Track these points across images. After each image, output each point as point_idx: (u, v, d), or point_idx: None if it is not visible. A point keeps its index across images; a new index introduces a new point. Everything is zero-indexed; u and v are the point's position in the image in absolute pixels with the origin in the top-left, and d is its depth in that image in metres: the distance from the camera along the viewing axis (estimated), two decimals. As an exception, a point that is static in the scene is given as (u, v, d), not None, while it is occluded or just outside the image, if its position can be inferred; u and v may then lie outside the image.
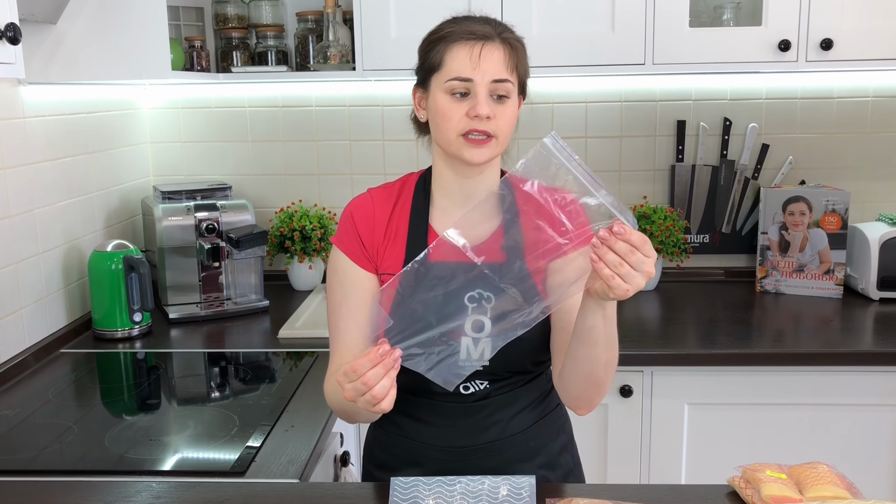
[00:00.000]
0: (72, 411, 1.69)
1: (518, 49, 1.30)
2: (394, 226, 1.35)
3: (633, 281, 1.09)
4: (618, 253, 1.08)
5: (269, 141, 2.65)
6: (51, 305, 2.06)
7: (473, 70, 1.24)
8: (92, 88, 2.28)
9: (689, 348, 2.01)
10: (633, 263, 1.08)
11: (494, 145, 1.27)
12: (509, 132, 1.29)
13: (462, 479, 1.23)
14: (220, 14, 2.51)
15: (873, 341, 2.07)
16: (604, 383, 1.28)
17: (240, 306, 2.35)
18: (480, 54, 1.25)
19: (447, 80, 1.26)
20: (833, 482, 1.15)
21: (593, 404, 1.32)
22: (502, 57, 1.26)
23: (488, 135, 1.25)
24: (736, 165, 2.58)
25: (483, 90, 1.25)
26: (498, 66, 1.25)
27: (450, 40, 1.27)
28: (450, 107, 1.26)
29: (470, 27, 1.27)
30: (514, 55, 1.28)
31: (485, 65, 1.24)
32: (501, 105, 1.26)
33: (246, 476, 1.37)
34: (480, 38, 1.26)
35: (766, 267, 2.46)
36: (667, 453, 2.05)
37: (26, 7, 1.72)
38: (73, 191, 2.17)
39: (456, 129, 1.26)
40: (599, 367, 1.24)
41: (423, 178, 1.39)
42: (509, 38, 1.29)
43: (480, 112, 1.24)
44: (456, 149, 1.27)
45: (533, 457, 1.37)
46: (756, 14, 2.20)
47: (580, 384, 1.28)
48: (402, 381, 1.37)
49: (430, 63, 1.29)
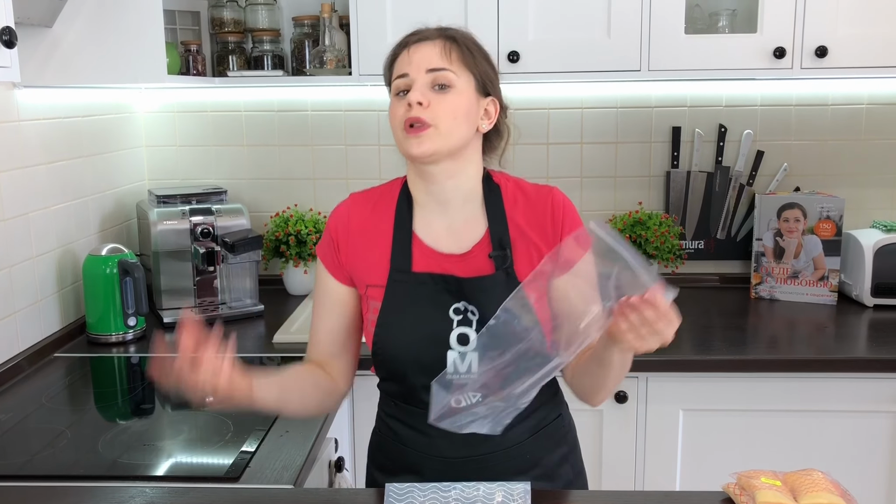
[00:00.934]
0: (65, 416, 1.69)
1: (461, 43, 1.29)
2: (376, 233, 1.34)
3: (649, 343, 1.11)
4: (645, 318, 1.09)
5: (265, 145, 2.65)
6: (45, 309, 2.05)
7: (408, 65, 1.26)
8: (87, 92, 2.28)
9: (684, 354, 2.01)
10: (654, 329, 1.10)
11: (434, 134, 1.24)
12: (453, 122, 1.25)
13: (457, 486, 1.23)
14: (217, 18, 2.51)
15: (867, 348, 2.07)
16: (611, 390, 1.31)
17: (235, 311, 2.34)
18: (414, 49, 1.27)
19: (392, 82, 1.29)
20: (828, 489, 1.15)
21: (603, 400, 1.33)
22: (438, 49, 1.27)
23: (424, 123, 1.23)
24: (731, 172, 2.59)
25: (420, 81, 1.25)
26: (431, 57, 1.26)
27: (397, 49, 1.31)
28: (394, 105, 1.28)
29: (414, 34, 1.31)
30: (457, 48, 1.28)
31: (417, 57, 1.26)
32: (441, 94, 1.25)
33: (240, 482, 1.37)
34: (418, 39, 1.28)
35: (761, 273, 2.47)
36: (662, 460, 2.05)
37: (22, 10, 1.72)
38: (67, 194, 2.16)
39: (398, 126, 1.26)
40: (613, 380, 1.26)
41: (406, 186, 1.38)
42: (452, 34, 1.30)
43: (411, 98, 1.24)
44: (402, 146, 1.27)
45: (530, 468, 1.35)
46: (751, 21, 2.21)
47: (590, 389, 1.31)
48: (395, 390, 1.37)
49: (388, 77, 1.32)
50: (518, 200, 1.34)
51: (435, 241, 1.32)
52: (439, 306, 1.28)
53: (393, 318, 1.30)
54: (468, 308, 1.28)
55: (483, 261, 1.30)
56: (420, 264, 1.31)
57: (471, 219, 1.33)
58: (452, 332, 1.27)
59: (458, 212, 1.33)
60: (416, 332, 1.29)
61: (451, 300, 1.28)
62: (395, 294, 1.30)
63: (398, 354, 1.30)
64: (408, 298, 1.29)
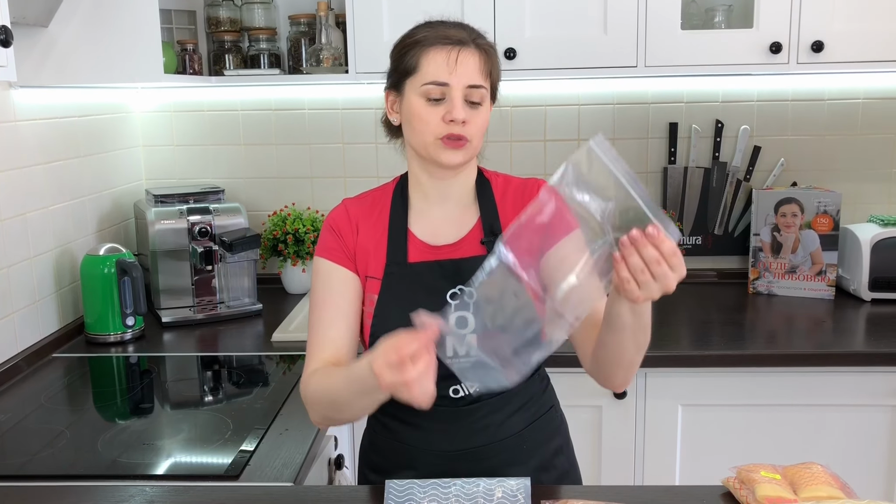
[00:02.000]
0: (64, 416, 1.69)
1: (492, 55, 1.32)
2: (373, 232, 1.36)
3: (648, 291, 1.03)
4: (644, 259, 1.01)
5: (262, 144, 2.65)
6: (43, 310, 2.05)
7: (450, 75, 1.25)
8: (84, 92, 2.28)
9: (683, 350, 2.01)
10: (655, 273, 1.01)
11: (469, 149, 1.29)
12: (482, 136, 1.31)
13: (457, 482, 1.23)
14: (213, 17, 2.51)
15: (865, 342, 2.07)
16: (636, 363, 1.24)
17: (233, 310, 2.34)
18: (457, 59, 1.26)
19: (423, 84, 1.27)
20: (827, 482, 1.16)
21: (628, 381, 1.28)
22: (478, 63, 1.28)
23: (463, 138, 1.27)
24: (728, 167, 2.59)
25: (458, 94, 1.26)
26: (473, 72, 1.27)
27: (426, 44, 1.28)
28: (426, 111, 1.27)
29: (445, 32, 1.28)
30: (489, 61, 1.30)
31: (461, 70, 1.26)
32: (475, 110, 1.28)
33: (240, 480, 1.37)
34: (457, 44, 1.27)
35: (759, 268, 2.47)
36: (661, 454, 2.05)
37: (18, 10, 1.72)
38: (65, 194, 2.16)
39: (433, 133, 1.27)
40: (629, 351, 1.19)
41: (401, 183, 1.40)
42: (483, 44, 1.31)
43: (457, 117, 1.25)
44: (432, 152, 1.28)
45: (526, 459, 1.37)
46: (747, 16, 2.21)
47: (615, 368, 1.24)
48: None
49: (405, 67, 1.29)
50: (507, 192, 1.38)
51: (430, 235, 1.36)
52: (435, 292, 1.30)
53: (389, 308, 1.31)
54: (465, 291, 1.29)
55: (475, 247, 1.33)
56: (415, 257, 1.34)
57: (464, 211, 1.37)
58: (450, 315, 1.28)
59: (454, 205, 1.37)
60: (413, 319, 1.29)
61: (447, 285, 1.30)
62: (392, 285, 1.32)
63: None
64: (404, 288, 1.32)
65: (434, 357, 1.05)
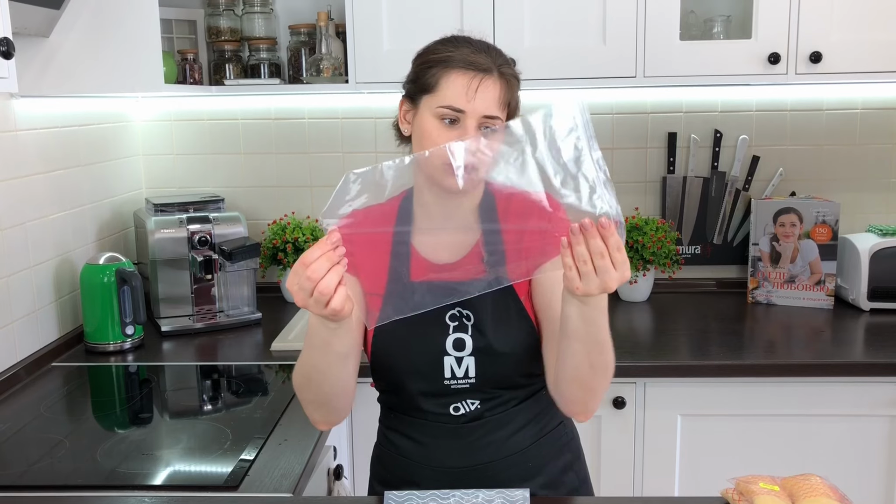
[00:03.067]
0: (63, 425, 1.68)
1: (513, 85, 1.29)
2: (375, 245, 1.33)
3: (588, 283, 1.05)
4: (590, 249, 1.03)
5: (262, 153, 2.65)
6: (42, 319, 2.05)
7: (468, 102, 1.23)
8: (84, 101, 2.28)
9: (682, 359, 2.01)
10: (597, 267, 1.04)
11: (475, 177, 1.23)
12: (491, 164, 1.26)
13: (456, 493, 1.23)
14: (213, 27, 2.52)
15: (864, 352, 2.08)
16: (594, 388, 1.23)
17: (232, 319, 2.34)
18: (478, 88, 1.23)
19: (439, 106, 1.24)
20: (826, 494, 1.16)
21: (588, 410, 1.27)
22: (497, 93, 1.25)
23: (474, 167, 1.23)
24: (727, 177, 2.60)
25: (473, 124, 1.23)
26: (492, 103, 1.24)
27: (448, 66, 1.25)
28: (438, 133, 1.24)
29: (470, 56, 1.25)
30: (509, 92, 1.27)
31: (479, 100, 1.23)
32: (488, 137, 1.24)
33: (239, 490, 1.36)
34: (480, 71, 1.24)
35: (758, 278, 2.47)
36: (660, 465, 2.05)
37: (19, 20, 1.72)
38: (64, 203, 2.16)
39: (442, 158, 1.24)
40: (583, 368, 1.19)
41: (406, 198, 1.36)
42: (507, 73, 1.27)
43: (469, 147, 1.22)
44: (438, 175, 1.23)
45: (532, 476, 1.35)
46: (746, 27, 2.22)
47: (570, 385, 1.23)
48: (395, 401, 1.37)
49: (424, 83, 1.27)
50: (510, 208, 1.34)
51: (432, 252, 1.32)
52: (434, 313, 1.28)
53: (390, 326, 1.30)
54: (463, 313, 1.29)
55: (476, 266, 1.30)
56: (417, 275, 1.31)
57: (466, 228, 1.33)
58: (448, 337, 1.28)
59: (457, 225, 1.33)
60: (412, 340, 1.29)
61: (446, 307, 1.28)
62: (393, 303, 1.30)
63: (395, 363, 1.31)
64: None
65: (343, 265, 1.09)
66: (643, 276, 2.48)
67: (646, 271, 2.47)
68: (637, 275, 2.47)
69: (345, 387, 1.29)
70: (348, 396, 1.32)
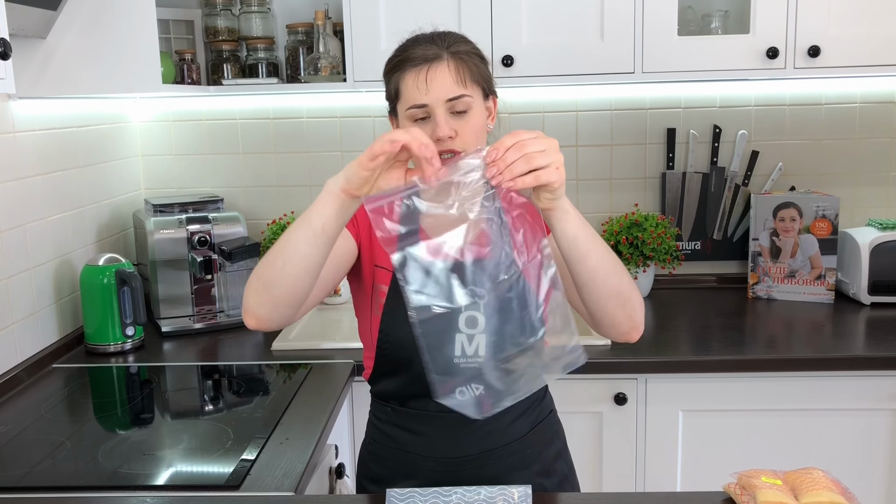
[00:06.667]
0: (64, 426, 1.68)
1: (468, 59, 1.29)
2: None
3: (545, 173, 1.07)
4: (508, 147, 1.07)
5: (261, 153, 2.65)
6: (42, 320, 2.05)
7: (425, 95, 1.25)
8: (82, 102, 2.28)
9: (683, 355, 2.01)
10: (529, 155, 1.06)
11: None
12: (478, 138, 1.29)
13: (458, 490, 1.23)
14: (211, 27, 2.52)
15: (865, 346, 2.08)
16: (625, 292, 1.22)
17: (233, 319, 2.34)
18: (427, 78, 1.25)
19: (407, 109, 1.28)
20: (828, 487, 1.16)
21: (635, 321, 1.25)
22: (452, 74, 1.26)
23: (455, 152, 1.26)
24: (726, 172, 2.60)
25: (441, 111, 1.25)
26: (449, 85, 1.26)
27: (401, 69, 1.29)
28: None
29: (415, 52, 1.28)
30: (465, 67, 1.28)
31: (433, 87, 1.25)
32: (462, 120, 1.27)
33: (241, 490, 1.36)
34: (424, 62, 1.26)
35: (758, 273, 2.47)
36: (662, 460, 2.05)
37: (16, 22, 1.72)
38: (64, 205, 2.16)
39: None
40: (601, 278, 1.19)
41: None
42: (460, 50, 1.29)
43: (441, 134, 1.25)
44: None
45: (529, 464, 1.37)
46: (744, 22, 2.22)
47: (605, 305, 1.22)
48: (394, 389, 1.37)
49: (390, 92, 1.32)
50: None
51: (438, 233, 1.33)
52: None
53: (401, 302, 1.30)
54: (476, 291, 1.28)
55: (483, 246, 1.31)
56: None
57: None
58: (461, 314, 1.28)
59: None
60: None
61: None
62: None
63: (405, 339, 1.30)
64: None
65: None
66: (643, 272, 2.48)
67: (646, 267, 2.47)
68: (637, 271, 2.47)
69: (307, 269, 1.25)
70: (305, 288, 1.26)
